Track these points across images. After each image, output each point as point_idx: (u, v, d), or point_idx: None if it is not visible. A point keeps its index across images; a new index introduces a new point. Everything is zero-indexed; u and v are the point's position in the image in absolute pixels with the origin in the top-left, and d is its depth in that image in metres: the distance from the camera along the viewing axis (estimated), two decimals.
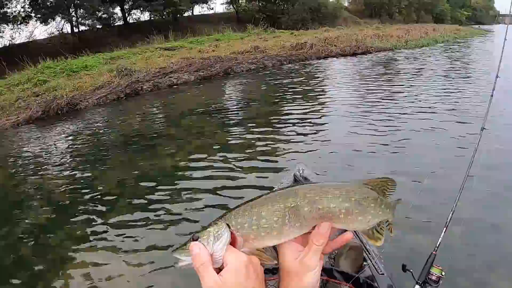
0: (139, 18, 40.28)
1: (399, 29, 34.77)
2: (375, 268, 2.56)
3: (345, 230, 0.97)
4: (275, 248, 0.97)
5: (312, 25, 38.60)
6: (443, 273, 2.26)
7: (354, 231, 1.34)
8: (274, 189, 1.07)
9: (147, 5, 35.64)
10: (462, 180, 2.92)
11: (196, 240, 0.88)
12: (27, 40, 34.36)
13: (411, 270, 2.26)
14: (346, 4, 54.45)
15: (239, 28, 35.74)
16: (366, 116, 9.30)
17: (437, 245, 2.47)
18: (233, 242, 0.90)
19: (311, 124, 9.08)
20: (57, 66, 23.77)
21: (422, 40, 29.81)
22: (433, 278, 2.24)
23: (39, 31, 43.64)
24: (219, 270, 0.87)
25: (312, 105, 11.13)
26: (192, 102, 13.22)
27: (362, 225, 0.95)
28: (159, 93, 16.25)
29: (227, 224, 0.90)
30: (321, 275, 1.07)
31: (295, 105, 11.26)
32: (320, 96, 12.39)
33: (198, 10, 45.02)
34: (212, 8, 44.97)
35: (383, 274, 2.51)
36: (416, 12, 59.77)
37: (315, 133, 8.33)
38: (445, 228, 2.63)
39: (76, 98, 15.53)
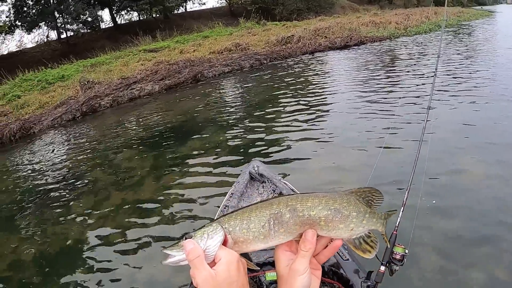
0: (130, 19, 39.06)
1: (398, 15, 31.96)
2: (339, 255, 2.59)
3: None
4: None
5: (308, 15, 36.44)
6: (406, 251, 2.28)
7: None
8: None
9: (134, 5, 34.26)
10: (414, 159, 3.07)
11: (190, 238, 0.96)
12: (17, 49, 33.57)
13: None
14: None
15: (232, 22, 34.12)
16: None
17: (397, 225, 2.52)
18: (224, 243, 0.97)
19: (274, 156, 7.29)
20: (36, 78, 22.84)
21: (423, 25, 26.87)
22: (397, 257, 2.26)
23: (28, 39, 42.78)
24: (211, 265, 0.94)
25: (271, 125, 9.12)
26: (145, 123, 11.61)
27: (345, 233, 1.00)
28: (117, 110, 14.69)
29: (221, 226, 0.98)
30: None
31: (257, 124, 9.37)
32: (284, 117, 9.78)
33: (190, 6, 43.42)
34: (204, 3, 43.29)
35: (347, 259, 2.57)
36: None
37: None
38: (402, 207, 2.71)
39: (30, 121, 14.16)
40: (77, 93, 16.88)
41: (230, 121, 9.95)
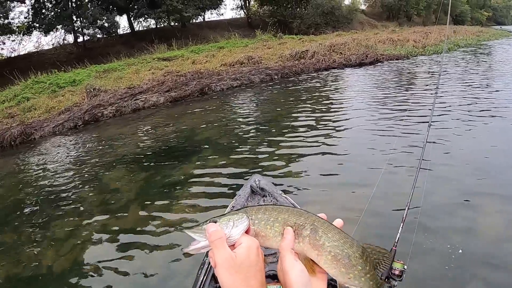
0: (148, 26, 39.02)
1: (417, 32, 31.24)
2: None
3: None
4: None
5: (326, 30, 35.99)
6: (405, 267, 2.31)
7: None
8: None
9: (151, 12, 34.18)
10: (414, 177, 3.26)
11: (215, 222, 1.00)
12: (34, 50, 33.74)
13: None
14: (363, 7, 51.19)
15: (249, 34, 33.84)
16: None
17: (396, 241, 2.62)
18: (246, 233, 1.01)
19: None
20: (48, 81, 22.79)
21: (442, 44, 26.15)
22: (396, 273, 2.30)
23: (45, 41, 43.09)
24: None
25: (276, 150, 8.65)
26: (143, 138, 11.18)
27: (341, 277, 1.00)
28: (120, 120, 14.29)
29: (247, 216, 1.03)
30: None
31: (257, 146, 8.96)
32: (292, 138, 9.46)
33: (208, 16, 43.23)
34: (222, 14, 43.13)
35: None
36: (435, 13, 54.82)
37: None
38: (402, 224, 2.82)
39: (32, 127, 13.92)
40: (83, 100, 16.65)
41: (232, 141, 9.45)
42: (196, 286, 2.79)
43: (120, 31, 37.04)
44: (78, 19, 32.32)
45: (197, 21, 40.39)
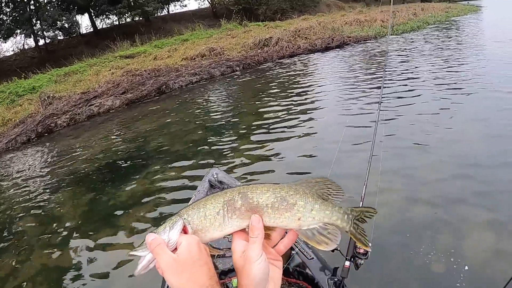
0: (112, 23, 37.96)
1: (384, 12, 30.21)
2: (303, 254, 2.58)
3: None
4: None
5: (292, 14, 35.22)
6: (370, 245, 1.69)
7: None
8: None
9: (112, 9, 33.19)
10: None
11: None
12: None
13: (338, 249, 2.16)
14: None
15: (214, 24, 33.02)
16: None
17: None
18: (185, 233, 0.99)
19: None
20: (8, 90, 21.95)
21: (410, 23, 25.72)
22: (361, 251, 2.28)
23: (6, 47, 41.70)
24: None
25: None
26: (93, 150, 10.46)
27: (292, 223, 0.98)
28: (73, 130, 13.55)
29: (180, 217, 1.00)
30: None
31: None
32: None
33: (172, 8, 42.18)
34: (186, 5, 42.13)
35: (312, 258, 2.57)
36: None
37: None
38: (361, 203, 2.82)
39: None
40: (38, 110, 15.92)
41: (189, 146, 8.89)
42: None
43: (84, 30, 36.10)
44: (38, 21, 31.26)
45: (161, 14, 39.40)
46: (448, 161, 5.84)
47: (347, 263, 2.26)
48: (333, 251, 1.91)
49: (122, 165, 8.70)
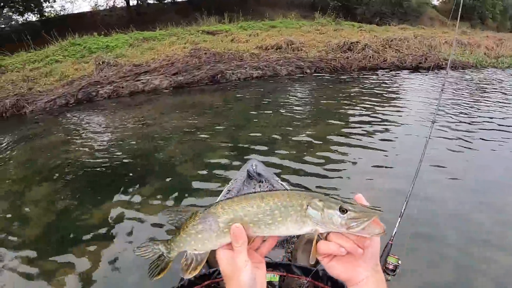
0: None
1: (490, 38, 26.51)
2: None
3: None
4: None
5: (392, 21, 32.46)
6: (399, 262, 2.39)
7: None
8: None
9: None
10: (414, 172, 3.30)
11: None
12: (88, 10, 33.26)
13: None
14: (435, 1, 45.26)
15: (309, 15, 31.21)
16: None
17: (393, 235, 2.67)
18: None
19: None
20: (84, 43, 22.02)
21: None
22: (390, 267, 2.37)
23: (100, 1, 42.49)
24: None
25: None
26: (120, 135, 9.29)
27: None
28: (112, 104, 12.72)
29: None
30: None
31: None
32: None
33: None
34: None
35: None
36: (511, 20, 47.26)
37: None
38: (399, 218, 2.90)
39: (25, 99, 12.79)
40: (91, 73, 15.30)
41: (208, 173, 6.84)
42: None
43: None
44: None
45: None
46: None
47: None
48: None
49: (127, 169, 7.25)
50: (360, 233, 0.97)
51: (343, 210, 0.98)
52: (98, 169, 7.18)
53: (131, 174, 6.83)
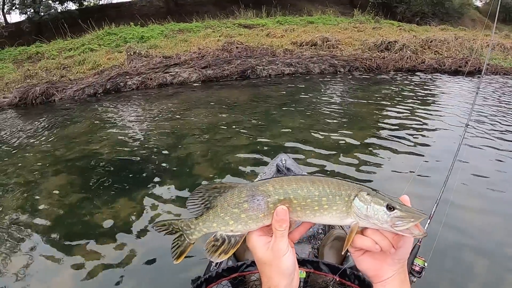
0: None
1: None
2: None
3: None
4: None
5: (432, 21, 31.47)
6: (426, 264, 2.36)
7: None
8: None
9: None
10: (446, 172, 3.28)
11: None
12: (128, 0, 33.55)
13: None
14: (478, 3, 43.77)
15: (349, 12, 30.58)
16: None
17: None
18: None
19: None
20: (120, 33, 22.26)
21: None
22: (416, 269, 2.34)
23: None
24: None
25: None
26: (135, 129, 9.21)
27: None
28: (140, 95, 12.68)
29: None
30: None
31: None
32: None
33: None
34: None
35: None
36: None
37: None
38: (429, 220, 2.84)
39: (55, 87, 12.94)
40: (122, 63, 15.34)
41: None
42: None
43: None
44: None
45: None
46: None
47: None
48: None
49: (140, 165, 7.11)
50: (403, 232, 0.97)
51: (390, 208, 0.98)
52: (116, 163, 7.05)
53: (149, 170, 6.65)
